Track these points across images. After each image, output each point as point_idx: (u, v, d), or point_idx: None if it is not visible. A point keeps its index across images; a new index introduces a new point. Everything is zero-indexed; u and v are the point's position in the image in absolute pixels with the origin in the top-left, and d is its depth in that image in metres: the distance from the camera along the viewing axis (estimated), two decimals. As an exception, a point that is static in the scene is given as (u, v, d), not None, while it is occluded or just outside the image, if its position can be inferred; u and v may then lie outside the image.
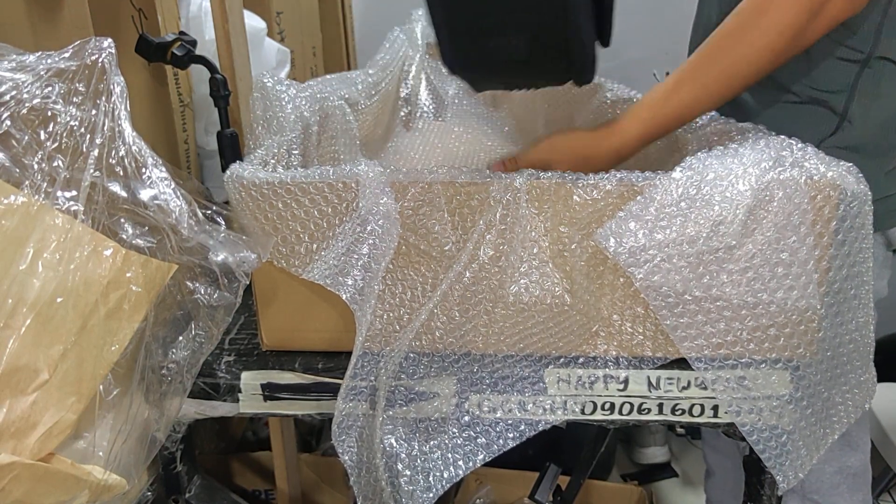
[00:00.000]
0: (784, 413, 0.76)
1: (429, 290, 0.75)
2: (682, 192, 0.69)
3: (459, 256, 0.73)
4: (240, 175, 0.73)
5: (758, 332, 0.74)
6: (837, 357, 0.78)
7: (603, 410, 0.79)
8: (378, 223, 0.71)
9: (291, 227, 0.73)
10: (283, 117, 0.86)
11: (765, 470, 0.82)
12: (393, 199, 0.72)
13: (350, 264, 0.71)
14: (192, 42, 1.00)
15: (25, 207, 0.58)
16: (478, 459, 0.76)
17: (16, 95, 0.61)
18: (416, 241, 0.73)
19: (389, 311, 0.76)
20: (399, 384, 0.76)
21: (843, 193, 0.70)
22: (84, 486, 0.62)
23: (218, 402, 0.82)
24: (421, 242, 0.73)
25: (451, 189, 0.72)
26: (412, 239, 0.74)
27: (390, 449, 0.75)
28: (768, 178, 0.69)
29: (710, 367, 0.74)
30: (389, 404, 0.76)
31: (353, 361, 0.73)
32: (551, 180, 0.71)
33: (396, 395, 0.77)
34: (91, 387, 0.61)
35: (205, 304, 0.69)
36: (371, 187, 0.71)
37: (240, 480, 1.54)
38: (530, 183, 0.72)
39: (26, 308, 0.57)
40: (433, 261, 0.74)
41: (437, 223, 0.73)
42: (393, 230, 0.71)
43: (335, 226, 0.73)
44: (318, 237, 0.73)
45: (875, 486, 1.53)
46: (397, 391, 0.77)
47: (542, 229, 0.73)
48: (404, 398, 0.77)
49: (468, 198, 0.72)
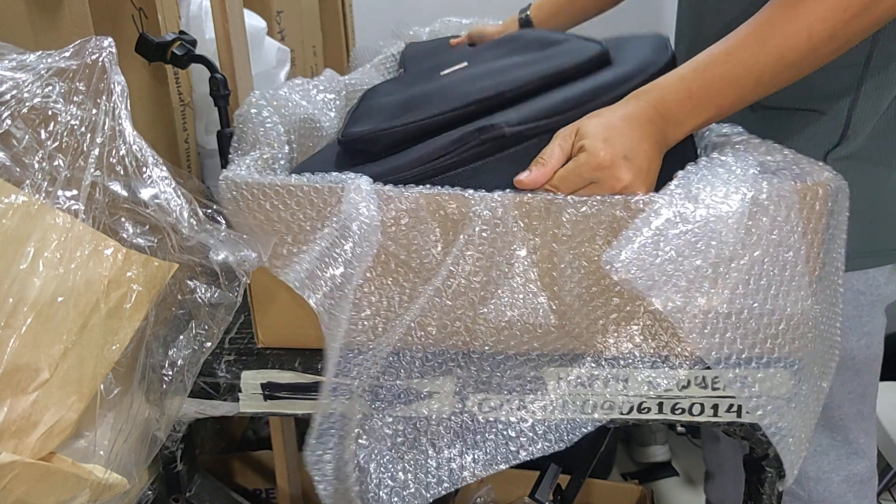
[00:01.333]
0: (786, 411, 0.76)
1: (406, 302, 0.75)
2: (676, 211, 0.69)
3: (438, 270, 0.73)
4: (232, 177, 0.73)
5: (759, 333, 0.74)
6: (826, 346, 0.79)
7: (603, 409, 0.79)
8: (357, 228, 0.70)
9: (277, 229, 0.73)
10: (266, 134, 0.86)
11: (765, 469, 0.82)
12: (376, 206, 0.71)
13: (322, 268, 0.71)
14: (193, 41, 1.00)
15: (26, 207, 0.58)
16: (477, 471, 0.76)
17: (16, 95, 0.61)
18: (397, 251, 0.74)
19: (365, 320, 0.76)
20: (379, 391, 0.77)
21: (830, 192, 0.70)
22: (85, 486, 0.62)
23: (218, 402, 0.82)
24: (401, 252, 0.74)
25: (434, 202, 0.72)
26: (392, 248, 0.74)
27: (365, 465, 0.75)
28: (759, 188, 0.69)
29: (725, 367, 0.75)
30: (365, 418, 0.76)
31: (330, 369, 0.73)
32: (536, 198, 0.71)
33: (377, 402, 0.77)
34: (92, 386, 0.61)
35: (205, 304, 0.69)
36: (354, 193, 0.71)
37: (240, 480, 1.54)
38: (518, 199, 0.71)
39: (27, 307, 0.57)
40: (411, 272, 0.75)
41: (418, 234, 0.73)
42: (372, 237, 0.71)
43: (318, 230, 0.72)
44: (300, 240, 0.73)
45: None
46: (379, 397, 0.77)
47: (531, 246, 0.73)
48: (384, 406, 0.77)
49: (450, 211, 0.72)
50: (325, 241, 0.71)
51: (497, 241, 0.72)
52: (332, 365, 0.73)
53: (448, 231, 0.73)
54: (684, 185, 0.71)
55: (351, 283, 0.71)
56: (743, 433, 0.80)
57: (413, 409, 0.77)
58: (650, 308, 0.75)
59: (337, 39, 1.74)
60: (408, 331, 0.75)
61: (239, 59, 1.01)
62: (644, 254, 0.68)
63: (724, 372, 0.73)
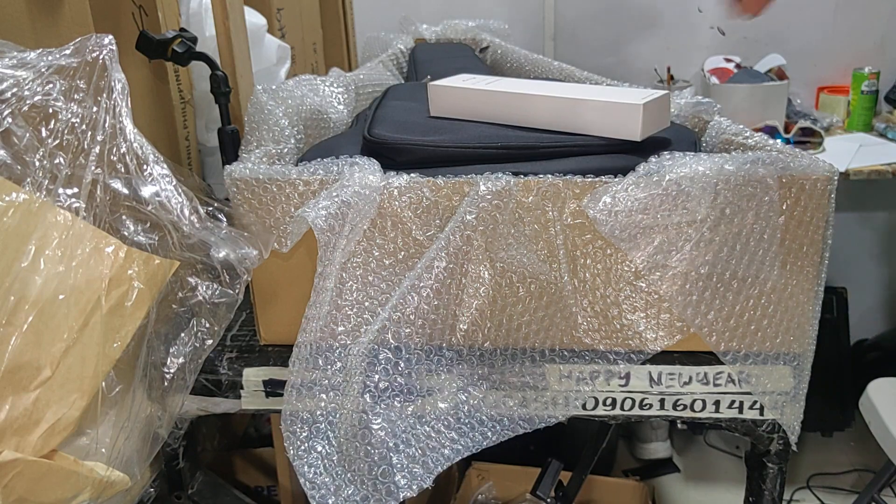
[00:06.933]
0: (786, 405, 0.77)
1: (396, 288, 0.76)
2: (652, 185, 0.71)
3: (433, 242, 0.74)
4: (238, 171, 0.74)
5: (759, 332, 0.75)
6: None
7: (605, 406, 0.79)
8: (356, 198, 0.72)
9: (285, 210, 0.75)
10: (277, 130, 0.87)
11: (767, 465, 0.82)
12: (378, 189, 0.73)
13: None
14: (193, 39, 0.99)
15: (27, 205, 0.58)
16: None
17: (17, 93, 0.61)
18: (383, 243, 0.75)
19: (355, 304, 0.77)
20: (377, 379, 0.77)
21: (809, 181, 0.72)
22: (87, 483, 0.62)
23: (220, 399, 0.82)
24: (388, 244, 0.75)
25: (433, 187, 0.73)
26: (378, 240, 0.75)
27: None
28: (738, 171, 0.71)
29: (734, 361, 0.75)
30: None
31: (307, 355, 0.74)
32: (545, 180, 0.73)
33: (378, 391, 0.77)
34: (93, 384, 0.61)
35: (206, 301, 0.69)
36: (357, 182, 0.72)
37: (242, 477, 1.54)
38: (516, 182, 0.72)
39: (28, 305, 0.57)
40: (398, 263, 0.76)
41: (413, 226, 0.74)
42: (369, 208, 0.72)
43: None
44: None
45: (877, 481, 1.53)
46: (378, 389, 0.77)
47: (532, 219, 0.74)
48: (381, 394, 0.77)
49: (443, 198, 0.74)
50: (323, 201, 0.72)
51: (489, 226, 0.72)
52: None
53: (436, 217, 0.74)
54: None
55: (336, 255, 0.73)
56: (745, 429, 0.80)
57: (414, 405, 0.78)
58: (651, 304, 0.75)
59: (337, 36, 1.74)
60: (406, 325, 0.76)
61: (239, 57, 1.01)
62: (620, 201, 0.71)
63: (727, 368, 0.73)
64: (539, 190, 0.73)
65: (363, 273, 0.76)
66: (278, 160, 0.84)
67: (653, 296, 0.75)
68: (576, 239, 0.74)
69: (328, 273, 0.74)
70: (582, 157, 0.78)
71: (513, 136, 0.80)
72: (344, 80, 1.09)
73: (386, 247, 0.76)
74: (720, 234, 0.72)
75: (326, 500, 0.72)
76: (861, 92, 2.11)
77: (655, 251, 0.72)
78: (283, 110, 0.89)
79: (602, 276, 0.75)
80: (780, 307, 0.75)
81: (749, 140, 0.82)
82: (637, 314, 0.76)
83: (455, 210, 0.73)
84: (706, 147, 0.91)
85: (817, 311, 0.76)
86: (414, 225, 0.75)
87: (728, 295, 0.74)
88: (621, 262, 0.75)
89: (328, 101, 1.03)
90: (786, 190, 0.72)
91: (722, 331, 0.75)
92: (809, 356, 0.77)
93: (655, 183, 0.71)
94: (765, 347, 0.76)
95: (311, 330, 0.74)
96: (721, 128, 0.89)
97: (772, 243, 0.73)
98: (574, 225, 0.74)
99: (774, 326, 0.75)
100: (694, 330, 0.75)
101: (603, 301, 0.76)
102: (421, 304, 0.72)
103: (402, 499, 0.71)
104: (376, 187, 0.73)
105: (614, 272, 0.75)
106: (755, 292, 0.74)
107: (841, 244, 2.34)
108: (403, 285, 0.72)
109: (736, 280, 0.73)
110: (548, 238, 0.74)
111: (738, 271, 0.73)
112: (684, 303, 0.74)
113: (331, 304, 0.75)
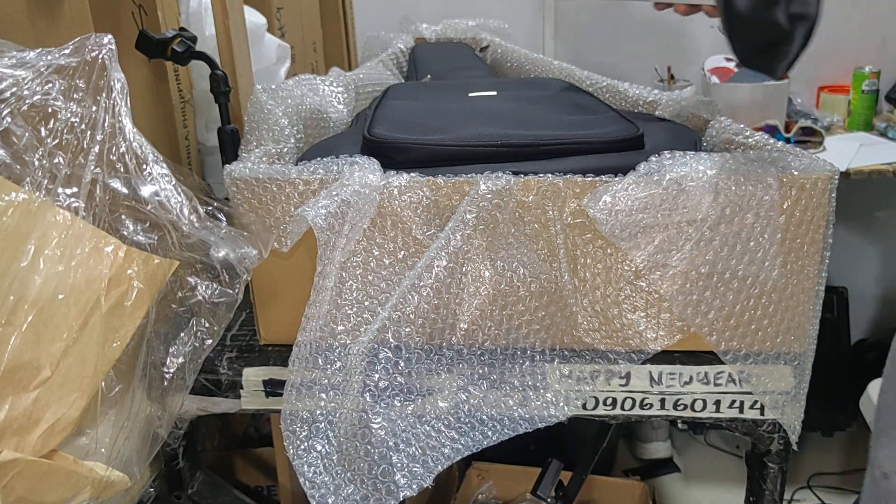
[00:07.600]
0: (787, 405, 0.76)
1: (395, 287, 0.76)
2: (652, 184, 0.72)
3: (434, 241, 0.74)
4: (238, 171, 0.74)
5: (759, 332, 0.74)
6: None
7: (605, 406, 0.79)
8: (355, 197, 0.72)
9: (285, 210, 0.75)
10: (277, 129, 0.87)
11: (767, 465, 0.82)
12: (377, 189, 0.73)
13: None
14: (193, 38, 0.99)
15: (26, 204, 0.58)
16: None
17: (16, 92, 0.60)
18: (383, 242, 0.75)
19: (355, 304, 0.77)
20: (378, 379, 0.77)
21: (809, 181, 0.71)
22: (86, 483, 0.62)
23: (220, 399, 0.82)
24: (388, 244, 0.75)
25: (433, 186, 0.73)
26: (378, 239, 0.75)
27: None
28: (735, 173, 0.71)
29: (735, 360, 0.75)
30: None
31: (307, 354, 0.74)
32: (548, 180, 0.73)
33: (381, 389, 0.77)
34: (93, 384, 0.61)
35: (206, 301, 0.69)
36: (357, 181, 0.72)
37: (242, 477, 1.54)
38: (524, 182, 0.72)
39: (28, 305, 0.57)
40: (398, 263, 0.76)
41: (413, 225, 0.74)
42: (369, 207, 0.73)
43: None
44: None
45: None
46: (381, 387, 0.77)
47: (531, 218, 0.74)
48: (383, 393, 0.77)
49: (443, 198, 0.74)
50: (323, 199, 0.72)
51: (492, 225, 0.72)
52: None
53: (438, 216, 0.74)
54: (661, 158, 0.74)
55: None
56: (745, 429, 0.80)
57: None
58: (651, 303, 0.75)
59: (337, 36, 1.74)
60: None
61: (239, 56, 1.01)
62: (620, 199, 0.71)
63: (728, 368, 0.73)
64: (539, 189, 0.73)
65: (363, 272, 0.76)
66: (278, 160, 0.84)
67: (653, 295, 0.75)
68: (576, 238, 0.74)
69: (328, 272, 0.74)
70: (582, 156, 0.78)
71: (513, 135, 0.80)
72: (344, 79, 1.09)
73: (386, 246, 0.76)
74: (720, 234, 0.72)
75: (326, 500, 0.72)
76: (862, 91, 2.11)
77: (656, 250, 0.72)
78: (282, 110, 0.89)
79: (602, 275, 0.75)
80: (781, 306, 0.75)
81: (749, 139, 0.82)
82: (637, 313, 0.76)
83: (455, 209, 0.73)
84: (707, 146, 0.91)
85: (818, 311, 0.77)
86: (414, 224, 0.75)
87: (728, 294, 0.74)
88: (621, 261, 0.75)
89: (328, 100, 1.03)
90: (786, 189, 0.72)
91: (722, 330, 0.75)
92: (810, 356, 0.77)
93: (656, 182, 0.71)
94: (765, 347, 0.76)
95: (310, 329, 0.74)
96: (721, 127, 0.89)
97: (772, 243, 0.73)
98: (574, 224, 0.74)
99: (775, 326, 0.75)
100: (694, 329, 0.75)
101: (603, 300, 0.76)
102: (421, 304, 0.72)
103: (401, 498, 0.71)
104: (376, 186, 0.73)
105: (614, 271, 0.75)
106: (755, 292, 0.74)
107: (841, 244, 2.34)
108: (403, 285, 0.72)
109: (736, 279, 0.73)
110: (548, 237, 0.74)
111: (738, 271, 0.73)
112: (685, 302, 0.74)
113: (331, 303, 0.75)
